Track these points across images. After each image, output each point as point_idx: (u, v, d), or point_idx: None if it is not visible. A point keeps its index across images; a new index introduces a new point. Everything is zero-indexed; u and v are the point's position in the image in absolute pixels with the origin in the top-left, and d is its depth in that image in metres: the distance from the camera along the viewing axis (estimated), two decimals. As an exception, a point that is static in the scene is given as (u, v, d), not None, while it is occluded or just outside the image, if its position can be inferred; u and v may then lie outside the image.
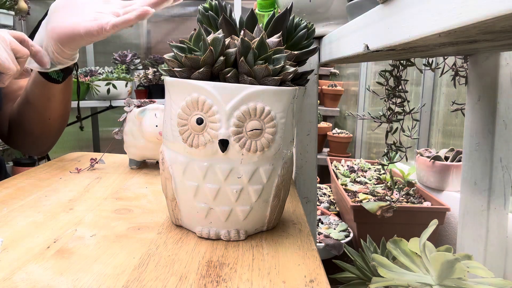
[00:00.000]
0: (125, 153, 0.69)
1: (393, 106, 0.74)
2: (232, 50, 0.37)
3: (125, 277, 0.32)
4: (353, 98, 2.39)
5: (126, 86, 2.04)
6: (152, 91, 2.15)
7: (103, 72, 2.06)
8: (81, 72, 2.04)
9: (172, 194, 0.40)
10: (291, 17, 0.47)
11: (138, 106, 0.65)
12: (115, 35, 2.54)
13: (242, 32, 0.38)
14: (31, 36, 0.62)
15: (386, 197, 1.14)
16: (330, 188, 1.67)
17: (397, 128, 0.74)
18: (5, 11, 1.68)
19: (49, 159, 2.26)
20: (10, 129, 0.76)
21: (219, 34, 0.36)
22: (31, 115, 0.70)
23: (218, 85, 0.35)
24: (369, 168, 1.56)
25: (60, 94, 0.69)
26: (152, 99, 0.69)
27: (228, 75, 0.36)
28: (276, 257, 0.36)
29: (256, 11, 0.70)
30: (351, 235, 1.18)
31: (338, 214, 1.36)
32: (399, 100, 0.74)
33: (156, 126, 0.61)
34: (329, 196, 1.56)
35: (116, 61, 2.20)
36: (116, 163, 0.71)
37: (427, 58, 0.71)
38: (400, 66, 0.72)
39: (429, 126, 1.50)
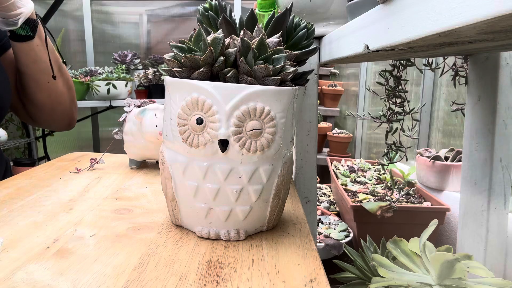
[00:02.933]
0: (125, 153, 0.69)
1: (393, 106, 0.74)
2: (232, 50, 0.37)
3: (125, 277, 0.32)
4: (353, 98, 2.39)
5: (126, 86, 2.05)
6: (152, 91, 2.15)
7: (103, 72, 2.06)
8: (81, 72, 2.04)
9: (172, 194, 0.40)
10: (291, 17, 0.47)
11: (138, 106, 0.65)
12: (115, 35, 2.54)
13: (242, 32, 0.38)
14: None
15: (386, 197, 1.14)
16: (330, 188, 1.67)
17: (397, 128, 0.74)
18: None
19: (49, 159, 2.26)
20: (26, 109, 0.81)
21: (219, 34, 0.36)
22: (30, 84, 0.74)
23: (218, 85, 0.35)
24: (369, 168, 1.56)
25: (42, 52, 0.72)
26: (152, 99, 0.69)
27: (228, 75, 0.36)
28: (276, 257, 0.36)
29: (256, 11, 0.70)
30: (351, 235, 1.18)
31: (338, 214, 1.36)
32: (399, 100, 0.74)
33: (156, 126, 0.61)
34: (329, 196, 1.56)
35: (116, 61, 2.20)
36: (116, 163, 0.71)
37: (427, 58, 0.71)
38: (400, 66, 0.72)
39: (429, 126, 1.50)
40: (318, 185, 1.71)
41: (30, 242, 0.38)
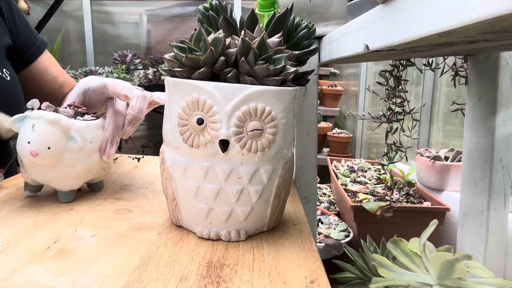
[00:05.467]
0: (124, 153, 0.68)
1: (393, 106, 0.74)
2: (232, 50, 0.37)
3: (125, 278, 0.32)
4: (353, 98, 2.39)
5: (126, 86, 2.04)
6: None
7: (103, 72, 2.06)
8: (81, 72, 2.04)
9: (172, 194, 0.40)
10: (291, 17, 0.47)
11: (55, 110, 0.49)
12: (115, 35, 2.54)
13: (242, 32, 0.38)
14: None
15: (386, 197, 1.14)
16: (330, 188, 1.67)
17: (397, 128, 0.74)
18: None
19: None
20: None
21: (220, 34, 0.36)
22: None
23: (219, 85, 0.35)
24: (369, 168, 1.56)
25: None
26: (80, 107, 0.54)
27: (229, 75, 0.36)
28: (276, 257, 0.36)
29: (256, 11, 0.70)
30: (351, 235, 1.18)
31: (338, 214, 1.36)
32: (399, 100, 0.74)
33: (29, 142, 0.44)
34: (329, 196, 1.56)
35: (116, 61, 2.20)
36: (115, 162, 0.71)
37: (427, 58, 0.71)
38: (400, 66, 0.72)
39: (429, 126, 1.50)
40: (318, 185, 1.71)
41: (30, 242, 0.38)
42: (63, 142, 0.46)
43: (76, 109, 0.53)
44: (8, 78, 0.67)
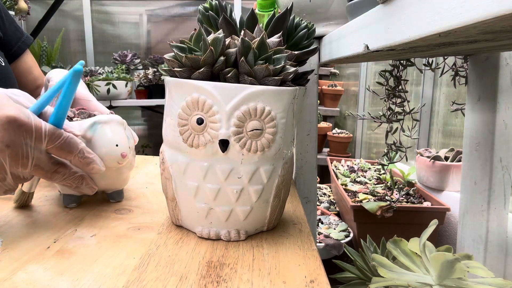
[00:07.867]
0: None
1: (393, 106, 0.74)
2: (232, 50, 0.37)
3: (125, 277, 0.32)
4: (353, 98, 2.39)
5: (126, 86, 2.05)
6: (152, 91, 2.15)
7: (103, 72, 2.06)
8: (81, 72, 2.04)
9: (172, 194, 0.40)
10: (291, 17, 0.47)
11: (71, 118, 0.48)
12: (115, 35, 2.54)
13: (242, 32, 0.38)
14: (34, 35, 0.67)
15: (386, 197, 1.14)
16: (330, 188, 1.67)
17: (397, 128, 0.74)
18: (5, 11, 1.68)
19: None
20: None
21: (220, 34, 0.36)
22: None
23: (218, 85, 0.35)
24: (369, 168, 1.56)
25: None
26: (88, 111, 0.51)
27: (229, 75, 0.36)
28: (276, 257, 0.36)
29: (256, 11, 0.70)
30: (351, 235, 1.18)
31: (338, 214, 1.36)
32: (399, 100, 0.74)
33: (117, 145, 0.45)
34: (329, 196, 1.56)
35: (116, 61, 2.20)
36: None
37: (427, 58, 0.71)
38: (400, 66, 0.72)
39: (429, 126, 1.50)
40: (318, 185, 1.71)
41: (30, 242, 0.38)
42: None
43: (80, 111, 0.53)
44: (3, 64, 0.70)
